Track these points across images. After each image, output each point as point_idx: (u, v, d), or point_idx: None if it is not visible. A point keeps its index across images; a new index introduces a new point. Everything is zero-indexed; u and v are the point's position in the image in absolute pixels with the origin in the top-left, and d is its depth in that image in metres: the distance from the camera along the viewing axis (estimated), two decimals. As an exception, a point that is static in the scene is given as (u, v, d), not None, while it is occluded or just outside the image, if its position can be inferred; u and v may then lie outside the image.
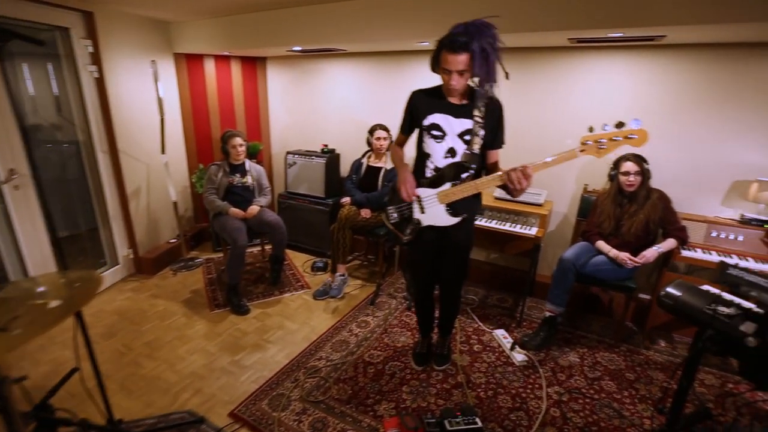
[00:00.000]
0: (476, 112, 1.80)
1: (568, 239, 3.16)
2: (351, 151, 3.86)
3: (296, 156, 3.90)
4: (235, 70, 4.12)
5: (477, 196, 1.99)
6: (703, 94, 2.60)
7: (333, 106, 4.02)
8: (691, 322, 1.70)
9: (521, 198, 2.42)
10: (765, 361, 1.42)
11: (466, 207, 1.93)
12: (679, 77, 2.64)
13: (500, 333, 2.70)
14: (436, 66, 1.72)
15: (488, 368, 2.41)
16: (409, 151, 2.09)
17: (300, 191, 3.93)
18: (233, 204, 3.15)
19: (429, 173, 1.92)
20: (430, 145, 1.88)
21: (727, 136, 2.60)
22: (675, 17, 1.96)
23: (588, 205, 2.83)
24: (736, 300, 1.59)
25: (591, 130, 1.58)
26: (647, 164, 2.48)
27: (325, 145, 3.91)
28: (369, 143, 3.31)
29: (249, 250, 3.98)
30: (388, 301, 3.15)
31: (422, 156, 1.94)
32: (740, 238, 2.52)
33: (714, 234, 2.58)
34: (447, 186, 1.88)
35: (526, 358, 2.46)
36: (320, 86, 4.03)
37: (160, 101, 3.26)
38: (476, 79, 1.73)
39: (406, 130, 2.00)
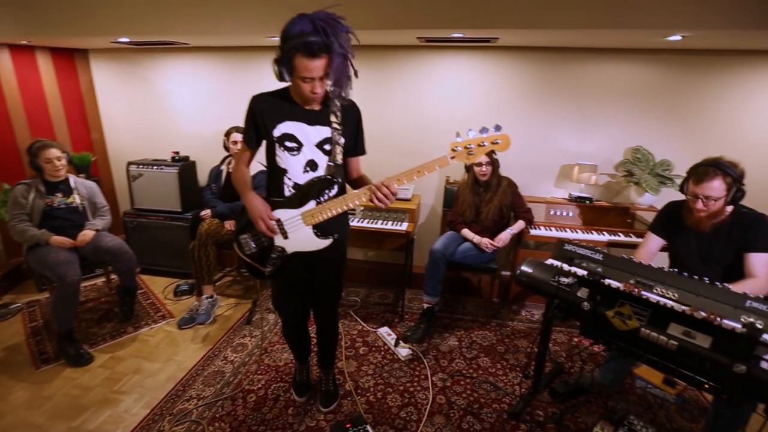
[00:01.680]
0: (333, 118, 1.61)
1: (438, 229, 3.34)
2: (208, 157, 3.46)
3: (141, 167, 3.34)
4: (44, 64, 3.34)
5: (346, 212, 1.80)
6: (533, 90, 2.98)
7: (183, 108, 3.55)
8: (542, 294, 1.90)
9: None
10: (596, 321, 1.65)
11: (336, 226, 1.73)
12: (514, 76, 2.98)
13: (384, 331, 2.71)
14: (288, 75, 1.47)
15: (375, 369, 2.39)
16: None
17: (151, 207, 3.40)
18: (57, 231, 2.53)
19: (288, 191, 1.65)
20: (285, 159, 1.62)
21: (553, 127, 3.03)
22: (503, 21, 2.17)
23: (451, 196, 3.01)
24: (573, 269, 1.83)
25: (458, 135, 1.58)
26: (495, 154, 2.73)
27: (177, 153, 3.44)
28: (226, 147, 2.99)
29: (90, 282, 3.31)
30: (266, 316, 2.92)
31: (277, 171, 1.66)
32: (571, 214, 2.97)
33: (552, 212, 2.99)
34: (311, 205, 1.65)
35: (411, 352, 2.50)
36: (164, 85, 3.53)
37: None
38: (329, 83, 1.53)
39: (252, 143, 1.67)
